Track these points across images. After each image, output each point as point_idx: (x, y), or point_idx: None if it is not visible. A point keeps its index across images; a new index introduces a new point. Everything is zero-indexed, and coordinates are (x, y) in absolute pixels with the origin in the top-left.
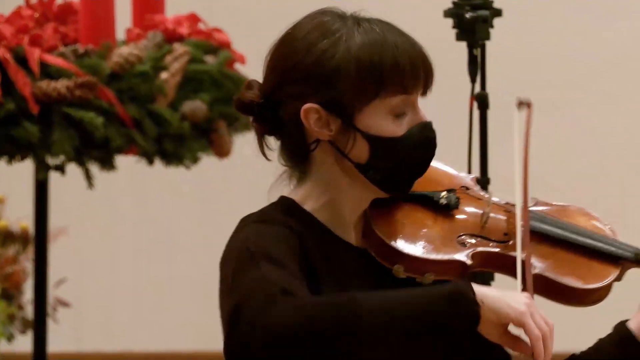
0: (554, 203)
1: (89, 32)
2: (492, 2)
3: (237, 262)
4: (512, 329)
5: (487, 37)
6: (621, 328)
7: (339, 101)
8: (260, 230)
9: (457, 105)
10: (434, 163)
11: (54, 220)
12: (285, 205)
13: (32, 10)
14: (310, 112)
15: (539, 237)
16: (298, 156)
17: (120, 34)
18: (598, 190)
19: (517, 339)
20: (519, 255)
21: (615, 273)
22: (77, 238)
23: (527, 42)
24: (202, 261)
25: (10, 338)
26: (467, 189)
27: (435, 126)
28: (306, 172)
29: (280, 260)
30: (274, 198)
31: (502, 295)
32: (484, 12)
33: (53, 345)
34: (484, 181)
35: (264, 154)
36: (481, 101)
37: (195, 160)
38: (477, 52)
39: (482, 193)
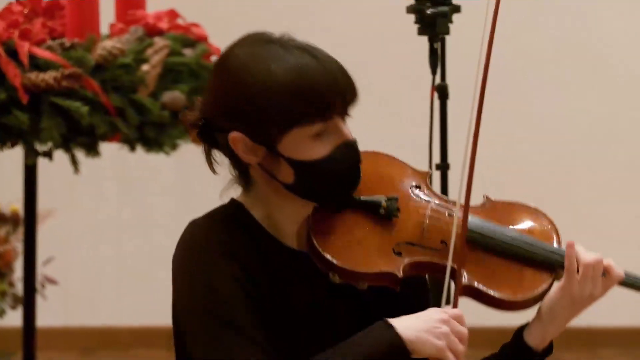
0: (502, 200)
1: (75, 26)
2: None
3: (201, 325)
4: None
5: (447, 31)
6: (518, 336)
7: (261, 131)
8: (213, 281)
9: (419, 95)
10: (391, 158)
11: (42, 202)
12: (232, 211)
13: (22, 7)
14: (237, 141)
15: (474, 244)
16: (239, 172)
17: (104, 28)
18: (542, 176)
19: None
20: (448, 267)
21: (547, 283)
22: (64, 219)
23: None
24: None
25: (1, 313)
26: (418, 187)
27: (398, 116)
28: (249, 184)
29: (240, 327)
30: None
31: (424, 329)
32: (444, 8)
33: (41, 320)
34: (444, 167)
35: (210, 167)
36: (441, 92)
37: (174, 146)
38: (438, 45)
39: (427, 194)
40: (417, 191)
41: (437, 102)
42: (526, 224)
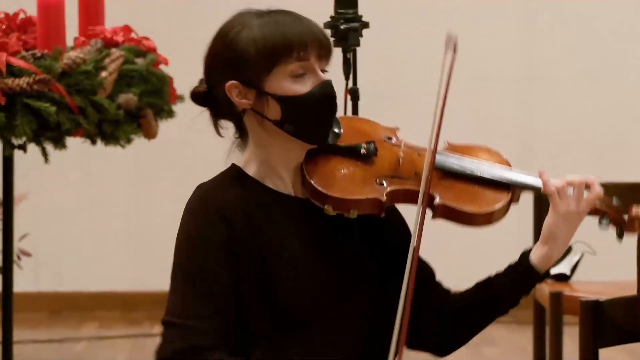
0: (462, 144)
1: (45, 40)
2: (361, 16)
3: (177, 267)
4: None
5: (358, 43)
6: (524, 259)
7: (250, 75)
8: (195, 242)
9: None
10: (365, 119)
11: (18, 187)
12: (230, 173)
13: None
14: (232, 88)
15: (442, 173)
16: (238, 128)
17: (69, 41)
18: None
19: None
20: (422, 185)
21: (505, 199)
22: (36, 202)
23: (389, 47)
24: (133, 218)
25: None
26: (390, 138)
27: None
28: (246, 141)
29: (202, 287)
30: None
31: None
32: (355, 24)
33: (17, 286)
34: None
35: (218, 133)
36: (353, 94)
37: (128, 140)
38: (350, 55)
39: (400, 140)
40: (390, 139)
41: (349, 103)
42: (482, 155)
